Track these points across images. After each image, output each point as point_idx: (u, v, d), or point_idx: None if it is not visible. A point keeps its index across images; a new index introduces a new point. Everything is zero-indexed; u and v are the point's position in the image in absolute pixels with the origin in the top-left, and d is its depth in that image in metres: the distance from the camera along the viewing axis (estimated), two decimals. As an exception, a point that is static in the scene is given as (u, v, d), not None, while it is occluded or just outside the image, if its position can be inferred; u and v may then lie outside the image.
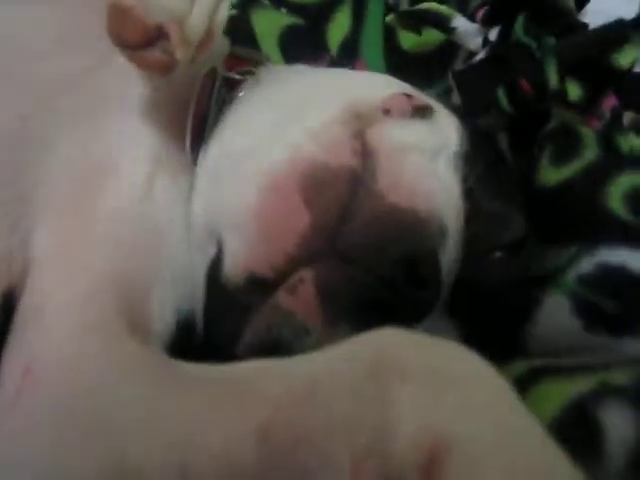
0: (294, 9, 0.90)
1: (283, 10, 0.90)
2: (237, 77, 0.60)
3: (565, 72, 0.63)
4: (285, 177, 0.48)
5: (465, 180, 0.53)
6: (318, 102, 0.53)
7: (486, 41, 0.74)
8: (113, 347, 0.46)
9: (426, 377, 0.36)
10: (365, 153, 0.49)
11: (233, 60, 0.64)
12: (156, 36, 0.45)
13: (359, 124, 0.50)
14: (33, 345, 0.46)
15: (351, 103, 0.52)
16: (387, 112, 0.53)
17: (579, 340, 0.54)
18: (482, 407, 0.35)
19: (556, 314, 0.56)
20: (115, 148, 0.54)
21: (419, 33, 0.78)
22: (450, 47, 0.79)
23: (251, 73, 0.60)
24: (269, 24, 0.88)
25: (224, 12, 0.49)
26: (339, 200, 0.47)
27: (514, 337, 0.56)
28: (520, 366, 0.50)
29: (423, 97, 0.57)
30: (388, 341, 0.38)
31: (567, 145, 0.60)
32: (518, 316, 0.57)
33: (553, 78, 0.64)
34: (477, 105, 0.69)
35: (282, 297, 0.48)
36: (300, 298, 0.47)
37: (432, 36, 0.80)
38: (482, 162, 0.57)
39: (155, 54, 0.46)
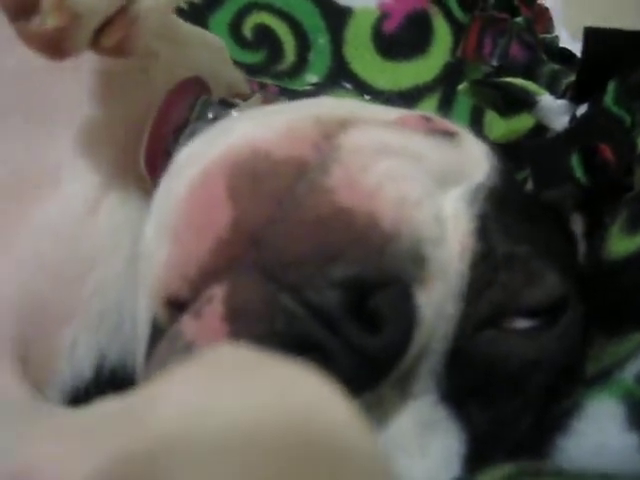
0: (378, 97, 0.83)
1: (366, 97, 0.83)
2: (236, 101, 0.51)
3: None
4: (215, 165, 0.37)
5: (483, 218, 0.40)
6: (301, 107, 0.43)
7: (574, 119, 0.61)
8: None
9: None
10: (328, 149, 0.37)
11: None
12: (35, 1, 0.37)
13: (339, 127, 0.39)
14: None
15: (341, 111, 0.41)
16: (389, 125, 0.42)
17: (633, 464, 0.36)
18: None
19: (603, 425, 0.38)
20: (63, 159, 0.47)
21: (504, 114, 0.67)
22: (538, 132, 0.67)
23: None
24: (348, 109, 0.82)
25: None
26: (273, 196, 0.35)
27: (538, 450, 0.39)
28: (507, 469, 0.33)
29: (449, 124, 0.45)
30: None
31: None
32: (547, 422, 0.40)
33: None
34: (549, 179, 0.55)
35: (185, 322, 0.35)
36: (205, 323, 0.34)
37: (521, 122, 0.69)
38: (515, 205, 0.43)
39: (33, 24, 0.37)
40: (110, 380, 0.45)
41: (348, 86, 0.83)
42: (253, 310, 0.34)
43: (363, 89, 0.83)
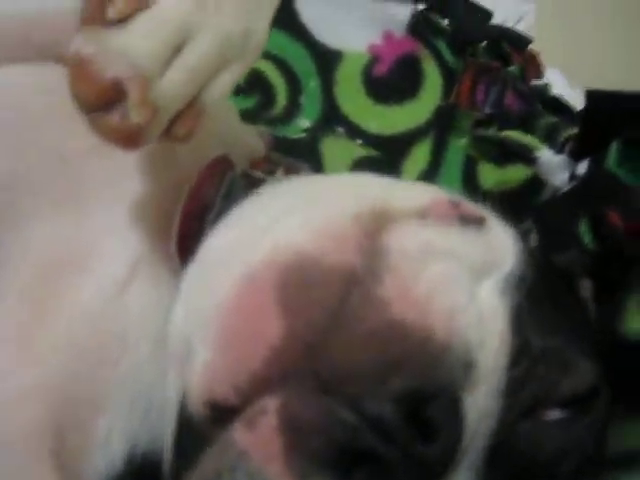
0: (371, 141, 0.83)
1: (358, 141, 0.84)
2: (259, 175, 0.51)
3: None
4: (262, 271, 0.37)
5: (517, 309, 0.41)
6: (335, 198, 0.43)
7: (573, 177, 0.62)
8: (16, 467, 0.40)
9: None
10: (374, 252, 0.38)
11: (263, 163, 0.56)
12: (116, 96, 0.37)
13: (378, 223, 0.40)
14: None
15: (375, 202, 0.41)
16: (423, 216, 0.42)
17: None
18: None
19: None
20: (96, 242, 0.47)
21: (500, 164, 0.68)
22: (535, 184, 0.68)
23: (273, 174, 0.52)
24: (342, 154, 0.82)
25: (223, 88, 0.42)
26: (326, 305, 0.35)
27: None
28: None
29: (475, 208, 0.46)
30: None
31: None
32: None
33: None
34: (556, 243, 0.57)
35: (238, 432, 0.35)
36: (259, 435, 0.35)
37: (516, 173, 0.70)
38: (544, 291, 0.44)
39: (113, 118, 0.37)
40: (140, 469, 0.45)
41: (340, 130, 0.83)
42: (310, 422, 0.34)
43: (355, 133, 0.83)
